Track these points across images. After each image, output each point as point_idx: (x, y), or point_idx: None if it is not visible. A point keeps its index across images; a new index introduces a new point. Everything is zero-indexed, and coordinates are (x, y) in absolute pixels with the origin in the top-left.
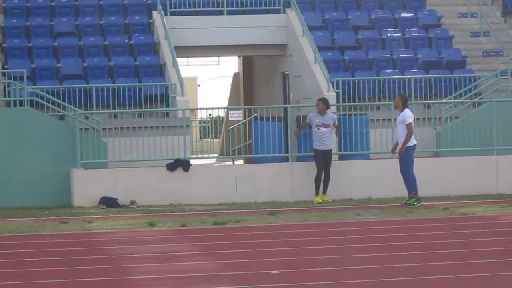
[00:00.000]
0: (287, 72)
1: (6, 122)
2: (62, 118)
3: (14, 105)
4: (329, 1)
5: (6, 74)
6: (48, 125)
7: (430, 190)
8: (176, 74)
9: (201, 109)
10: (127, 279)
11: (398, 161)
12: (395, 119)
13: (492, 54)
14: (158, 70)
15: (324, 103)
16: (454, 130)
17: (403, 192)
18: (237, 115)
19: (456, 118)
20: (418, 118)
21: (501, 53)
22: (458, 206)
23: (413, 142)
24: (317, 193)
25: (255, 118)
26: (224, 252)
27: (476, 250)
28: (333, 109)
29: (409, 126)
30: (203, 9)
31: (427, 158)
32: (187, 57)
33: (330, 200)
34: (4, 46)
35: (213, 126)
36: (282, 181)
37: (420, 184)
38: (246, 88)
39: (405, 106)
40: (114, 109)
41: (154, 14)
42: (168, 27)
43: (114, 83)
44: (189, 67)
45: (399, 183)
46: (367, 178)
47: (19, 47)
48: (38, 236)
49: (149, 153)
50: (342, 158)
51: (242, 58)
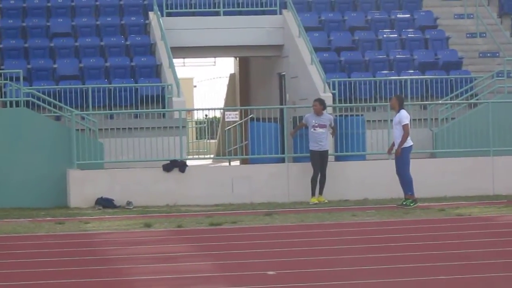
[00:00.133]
0: (283, 73)
1: (2, 123)
2: (58, 118)
3: (10, 105)
4: (325, 2)
5: (2, 74)
6: (44, 125)
7: (426, 191)
8: (172, 75)
9: (197, 110)
10: (124, 280)
11: (394, 162)
12: (391, 120)
13: (488, 55)
14: (154, 71)
15: (321, 104)
16: (451, 131)
17: (399, 193)
18: (233, 116)
19: (452, 119)
20: (414, 119)
21: (497, 54)
22: (454, 207)
23: (409, 143)
24: (313, 194)
25: (252, 119)
26: (220, 253)
27: (472, 251)
28: (329, 110)
29: (405, 127)
30: (199, 10)
31: (424, 159)
32: (184, 58)
33: (326, 201)
34: (0, 46)
35: (209, 127)
36: (278, 182)
37: (416, 185)
38: (242, 89)
39: (401, 107)
40: (110, 109)
41: (151, 14)
42: (164, 28)
43: (110, 84)
44: (185, 68)
45: (395, 184)
46: (363, 179)
47: (15, 48)
48: (34, 237)
49: (145, 154)
50: (338, 159)
51: (238, 59)
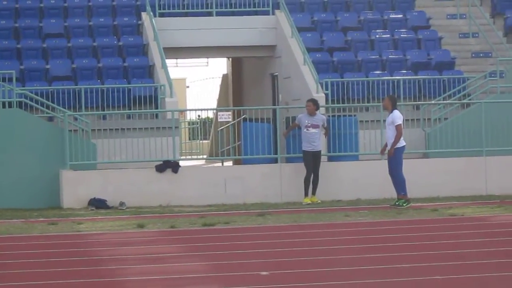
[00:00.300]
0: (276, 73)
1: None
2: (51, 119)
3: (3, 106)
4: (318, 2)
5: None
6: (37, 126)
7: (419, 191)
8: (165, 75)
9: (190, 110)
10: (117, 281)
11: (386, 162)
12: (384, 121)
13: (481, 55)
14: (147, 72)
15: (314, 104)
16: (443, 131)
17: (392, 193)
18: (226, 116)
19: (445, 119)
20: (407, 119)
21: (490, 54)
22: (447, 207)
23: (402, 143)
24: (306, 194)
25: (244, 119)
26: (213, 253)
27: (465, 251)
28: (322, 110)
29: (398, 127)
30: (192, 10)
31: (416, 159)
32: (176, 58)
33: (319, 201)
34: None
35: (202, 128)
36: (271, 182)
37: (409, 185)
38: (235, 89)
39: (394, 107)
40: (103, 110)
41: (143, 15)
42: (157, 29)
43: (103, 85)
44: (178, 69)
45: (388, 185)
46: (356, 179)
47: (8, 49)
48: (27, 237)
49: (138, 154)
50: (331, 159)
51: (231, 59)
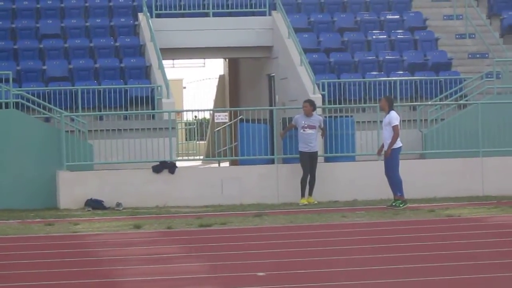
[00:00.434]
0: (273, 74)
1: None
2: (47, 120)
3: (0, 107)
4: (314, 3)
5: None
6: (33, 127)
7: (415, 192)
8: (161, 76)
9: (186, 111)
10: (114, 281)
11: (383, 163)
12: (381, 121)
13: (477, 56)
14: (144, 72)
15: (311, 105)
16: (440, 132)
17: (389, 194)
18: (223, 117)
19: (441, 120)
20: (403, 120)
21: (486, 55)
22: (444, 208)
23: (398, 144)
24: (303, 195)
25: (241, 120)
26: (210, 254)
27: (461, 251)
28: (318, 111)
29: (395, 128)
30: (189, 11)
31: (413, 160)
32: (173, 59)
33: (316, 202)
34: None
35: (198, 128)
36: (268, 183)
37: (405, 186)
38: (231, 90)
39: (391, 108)
40: (100, 111)
41: (140, 16)
42: (153, 29)
43: (99, 85)
44: (174, 69)
45: (385, 185)
46: (353, 180)
47: (5, 49)
48: (24, 238)
49: (134, 155)
50: (327, 160)
51: (227, 60)
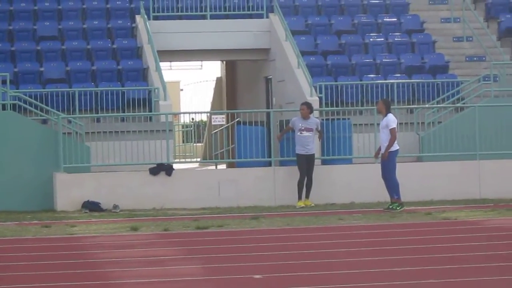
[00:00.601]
0: (270, 76)
1: None
2: (45, 122)
3: None
4: (312, 5)
5: None
6: (30, 129)
7: (412, 195)
8: (159, 78)
9: (184, 113)
10: (110, 284)
11: (380, 166)
12: (378, 124)
13: (475, 59)
14: (141, 74)
15: (308, 108)
16: (437, 135)
17: (386, 197)
18: (220, 120)
19: (439, 123)
20: (401, 123)
21: (483, 58)
22: (441, 211)
23: (395, 147)
24: (299, 197)
25: (238, 123)
26: (206, 256)
27: (458, 254)
28: (316, 113)
29: (392, 131)
30: (186, 13)
31: (410, 163)
32: (170, 61)
33: (313, 204)
34: None
35: (196, 131)
36: (265, 185)
37: (402, 189)
38: (229, 92)
39: (388, 111)
40: (97, 113)
41: (137, 18)
42: (151, 31)
43: (97, 87)
44: (172, 71)
45: (382, 188)
46: (350, 182)
47: (2, 51)
48: (21, 240)
49: (132, 157)
50: (324, 162)
51: (225, 62)
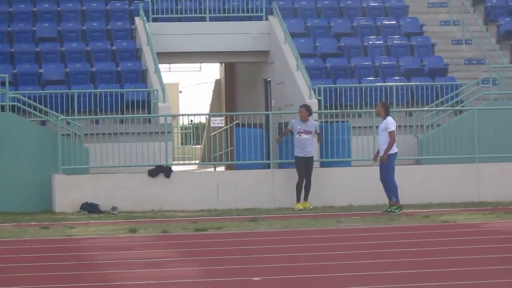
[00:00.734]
0: (269, 78)
1: None
2: (43, 123)
3: None
4: (311, 8)
5: None
6: (29, 130)
7: (411, 197)
8: (158, 80)
9: (182, 115)
10: (109, 285)
11: (378, 168)
12: (377, 127)
13: (474, 62)
14: (140, 76)
15: (307, 110)
16: (436, 138)
17: (385, 199)
18: (219, 122)
19: (437, 126)
20: (399, 126)
21: (483, 61)
22: (439, 214)
23: (394, 150)
24: (298, 200)
25: (237, 125)
26: (205, 258)
27: (456, 257)
28: (314, 116)
29: (391, 133)
30: (186, 15)
31: (409, 165)
32: (169, 63)
33: (311, 207)
34: None
35: (194, 133)
36: (263, 187)
37: (401, 191)
38: (228, 94)
39: (387, 113)
40: (96, 115)
41: (137, 20)
42: (150, 33)
43: (96, 89)
44: (171, 73)
45: (381, 191)
46: (349, 185)
47: (1, 52)
48: (19, 241)
49: (130, 159)
50: (323, 165)
51: (224, 64)
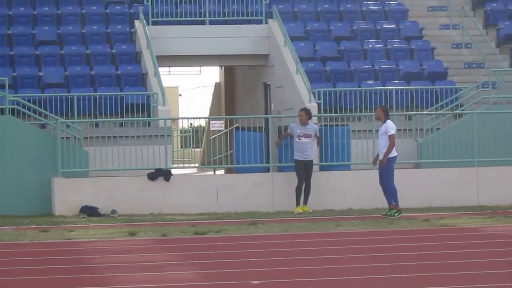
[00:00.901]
0: (269, 82)
1: None
2: (43, 126)
3: None
4: (311, 12)
5: None
6: (29, 133)
7: (411, 201)
8: (157, 83)
9: (182, 118)
10: None
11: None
12: (377, 130)
13: (473, 66)
14: (140, 80)
15: (307, 114)
16: (435, 142)
17: (384, 203)
18: (218, 125)
19: (437, 129)
20: (399, 130)
21: (482, 65)
22: (439, 218)
23: (394, 153)
24: (297, 203)
25: (237, 128)
26: (204, 262)
27: (456, 261)
28: (314, 119)
29: (391, 137)
30: (185, 19)
31: (408, 169)
32: (169, 66)
33: (311, 210)
34: None
35: (194, 136)
36: (263, 191)
37: (401, 195)
38: (227, 98)
39: (387, 117)
40: (96, 118)
41: (136, 23)
42: (150, 37)
43: (95, 92)
44: (170, 77)
45: (380, 194)
46: (348, 189)
47: (1, 56)
48: (19, 244)
49: (130, 162)
50: (323, 168)
51: (224, 68)
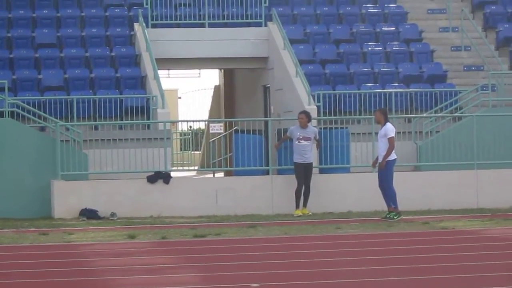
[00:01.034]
0: (268, 85)
1: None
2: (43, 129)
3: None
4: (310, 14)
5: None
6: (28, 136)
7: (410, 204)
8: (157, 86)
9: (182, 121)
10: None
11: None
12: (376, 133)
13: (473, 68)
14: (139, 82)
15: (306, 117)
16: (435, 145)
17: (383, 206)
18: (218, 128)
19: (436, 132)
20: (398, 132)
21: (482, 67)
22: (438, 221)
23: (393, 156)
24: (297, 206)
25: (236, 131)
26: (204, 265)
27: (455, 264)
28: (314, 122)
29: (390, 140)
30: (185, 21)
31: (408, 172)
32: (168, 69)
33: (310, 213)
34: None
35: (193, 139)
36: (262, 194)
37: (400, 198)
38: (227, 100)
39: (386, 120)
40: (95, 121)
41: (136, 26)
42: (149, 39)
43: (95, 95)
44: (170, 79)
45: (379, 197)
46: (347, 191)
47: (1, 58)
48: (18, 247)
49: (129, 165)
50: (322, 171)
51: (223, 70)
